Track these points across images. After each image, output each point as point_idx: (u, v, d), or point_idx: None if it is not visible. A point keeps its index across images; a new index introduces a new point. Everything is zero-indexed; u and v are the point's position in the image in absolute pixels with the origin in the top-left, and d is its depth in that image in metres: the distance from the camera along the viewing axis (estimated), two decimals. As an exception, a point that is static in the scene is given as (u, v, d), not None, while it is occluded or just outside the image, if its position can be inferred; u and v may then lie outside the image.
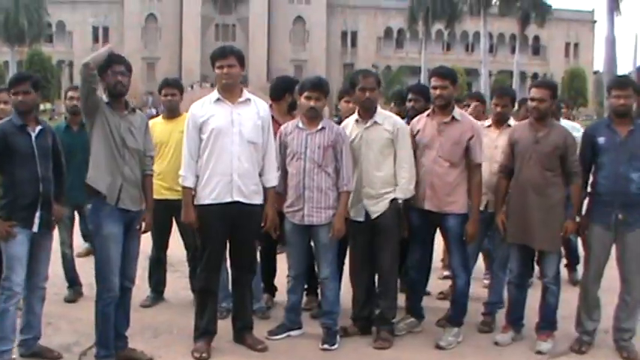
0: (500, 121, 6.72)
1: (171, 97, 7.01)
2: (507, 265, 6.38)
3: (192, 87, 71.55)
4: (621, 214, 5.72)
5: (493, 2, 59.97)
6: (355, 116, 6.10)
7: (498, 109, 6.72)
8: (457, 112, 6.05)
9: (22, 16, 61.55)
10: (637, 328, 6.00)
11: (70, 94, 7.27)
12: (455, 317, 6.13)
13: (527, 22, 60.57)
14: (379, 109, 6.09)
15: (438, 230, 6.24)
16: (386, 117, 6.04)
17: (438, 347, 5.92)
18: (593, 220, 5.89)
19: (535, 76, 75.93)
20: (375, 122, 5.96)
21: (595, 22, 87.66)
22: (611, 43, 41.49)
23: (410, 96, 7.13)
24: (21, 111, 5.29)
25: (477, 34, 73.47)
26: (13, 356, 5.31)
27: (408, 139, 5.98)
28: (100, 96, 5.33)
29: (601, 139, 5.84)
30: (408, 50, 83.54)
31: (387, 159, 5.94)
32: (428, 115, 6.11)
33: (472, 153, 5.95)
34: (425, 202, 5.95)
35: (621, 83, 5.95)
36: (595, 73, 74.86)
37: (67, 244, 7.18)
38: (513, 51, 70.43)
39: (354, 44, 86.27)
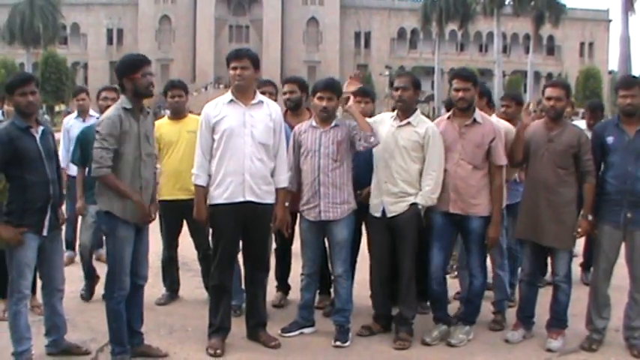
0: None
1: (178, 99, 7.07)
2: (505, 264, 6.58)
3: (205, 88, 71.96)
4: (630, 213, 5.77)
5: (506, 2, 59.81)
6: (393, 114, 6.15)
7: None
8: (478, 114, 6.05)
9: (37, 18, 62.10)
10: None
11: (104, 94, 7.25)
12: (468, 316, 6.17)
13: (541, 22, 60.34)
14: (418, 112, 6.15)
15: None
16: (421, 121, 6.06)
17: (449, 345, 5.96)
18: (602, 219, 5.93)
19: (549, 76, 75.82)
20: (409, 123, 6.00)
21: (610, 21, 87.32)
22: (626, 42, 41.42)
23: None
24: (28, 112, 5.18)
25: (490, 35, 73.51)
26: (33, 353, 5.35)
27: (439, 147, 5.95)
28: (117, 102, 5.41)
29: (610, 139, 5.89)
30: (422, 51, 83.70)
31: (414, 161, 5.95)
32: (448, 118, 6.12)
33: (494, 155, 5.96)
34: (450, 205, 5.96)
35: (628, 83, 5.99)
36: (610, 72, 74.60)
37: (85, 245, 7.15)
38: (527, 51, 70.26)
39: (367, 45, 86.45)
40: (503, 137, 6.11)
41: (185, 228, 7.11)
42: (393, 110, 6.22)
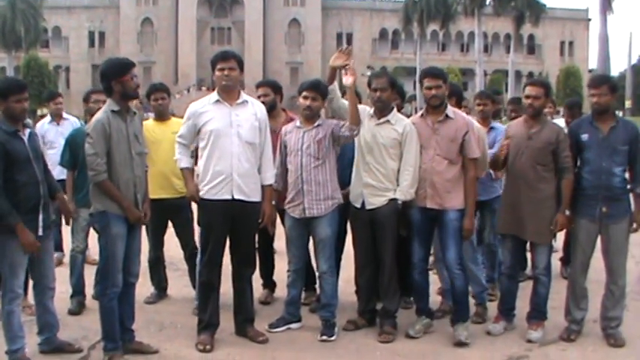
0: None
1: (162, 101, 7.19)
2: (477, 257, 6.78)
3: (188, 90, 71.80)
4: (605, 207, 5.94)
5: (487, 2, 60.18)
6: (371, 111, 6.29)
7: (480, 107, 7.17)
8: (450, 109, 6.19)
9: (18, 22, 61.80)
10: (623, 316, 6.21)
11: (94, 97, 7.24)
12: (462, 315, 6.21)
13: (521, 22, 60.70)
14: (395, 111, 6.30)
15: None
16: (399, 119, 6.22)
17: (460, 344, 5.98)
18: (578, 213, 6.10)
19: (530, 74, 76.18)
20: (387, 121, 6.16)
21: (590, 20, 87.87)
22: (604, 41, 41.81)
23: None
24: (21, 118, 5.34)
25: (471, 34, 73.77)
26: (26, 351, 5.44)
27: (415, 144, 6.09)
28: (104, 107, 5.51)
29: (584, 136, 6.05)
30: (404, 51, 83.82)
31: (392, 158, 6.10)
32: (421, 116, 6.25)
33: (467, 148, 6.09)
34: (427, 201, 6.07)
35: (596, 82, 6.15)
36: (590, 71, 75.06)
37: (79, 248, 7.14)
38: (508, 50, 70.68)
39: (349, 45, 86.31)
40: (475, 130, 6.27)
41: (171, 229, 7.24)
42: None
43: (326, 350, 5.91)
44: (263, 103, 6.41)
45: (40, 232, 5.37)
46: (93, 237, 6.58)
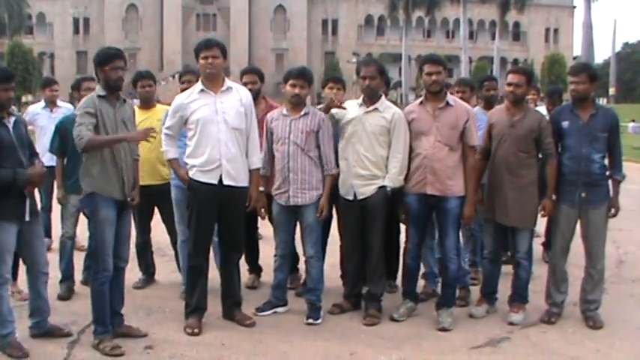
0: None
1: (149, 88, 7.28)
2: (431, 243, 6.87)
3: (173, 77, 71.51)
4: (584, 193, 6.07)
5: (473, -12, 60.28)
6: (359, 100, 6.37)
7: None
8: (450, 97, 6.25)
9: (2, 8, 61.50)
10: (602, 299, 6.36)
11: (85, 84, 7.32)
12: (449, 300, 6.32)
13: (506, 8, 60.90)
14: (383, 98, 6.38)
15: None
16: (387, 106, 6.29)
17: (444, 330, 6.06)
18: (559, 199, 6.22)
19: (515, 61, 76.42)
20: (376, 109, 6.23)
21: (574, 7, 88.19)
22: (588, 28, 42.06)
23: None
24: (7, 106, 5.42)
25: (457, 21, 74.01)
26: (17, 336, 5.51)
27: (404, 132, 6.17)
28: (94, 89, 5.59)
29: (565, 123, 6.16)
30: (389, 38, 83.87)
31: (381, 145, 6.18)
32: (421, 103, 6.29)
33: (467, 136, 6.14)
34: (427, 187, 6.12)
35: (575, 70, 6.26)
36: (575, 58, 75.36)
37: (69, 234, 7.17)
38: (493, 37, 70.88)
39: (334, 32, 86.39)
40: (475, 118, 6.34)
41: (157, 215, 7.34)
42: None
43: (312, 333, 6.01)
44: (250, 90, 6.47)
45: (27, 218, 5.45)
46: (82, 224, 6.69)
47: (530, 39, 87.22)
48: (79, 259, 7.22)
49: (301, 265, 6.87)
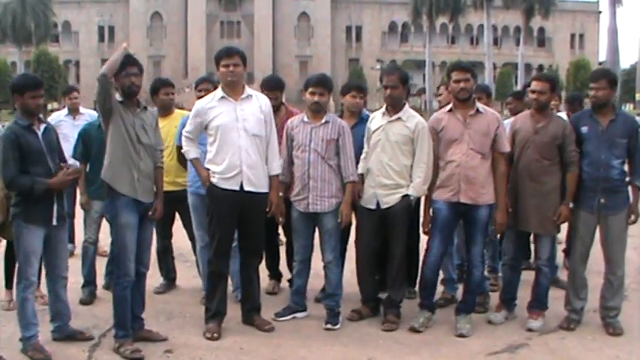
0: None
1: (172, 95, 7.44)
2: None
3: (188, 87, 71.90)
4: (603, 199, 6.05)
5: (496, -6, 60.09)
6: (383, 109, 6.39)
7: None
8: (479, 104, 6.24)
9: (28, 17, 62.15)
10: (622, 306, 6.32)
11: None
12: (470, 306, 6.33)
13: (531, 14, 60.61)
14: (407, 107, 6.37)
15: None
16: (411, 115, 6.29)
17: (462, 336, 6.06)
18: (578, 205, 6.20)
19: (540, 67, 76.05)
20: (399, 118, 6.23)
21: (600, 12, 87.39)
22: (614, 33, 41.75)
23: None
24: (36, 113, 5.58)
25: (481, 27, 73.64)
26: (40, 339, 5.60)
27: (428, 141, 6.16)
28: (114, 96, 5.67)
29: (584, 129, 6.15)
30: (413, 44, 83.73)
31: (405, 154, 6.18)
32: (449, 111, 6.26)
33: (499, 142, 6.13)
34: (460, 195, 6.09)
35: (594, 76, 6.27)
36: (600, 63, 74.81)
37: (91, 240, 7.25)
38: (518, 43, 70.48)
39: (358, 39, 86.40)
40: (504, 125, 6.34)
41: (179, 221, 7.41)
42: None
43: (330, 338, 6.04)
44: (273, 106, 6.42)
45: (54, 222, 5.56)
46: (104, 230, 6.77)
47: (555, 45, 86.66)
48: (101, 265, 7.30)
49: (316, 271, 6.87)
